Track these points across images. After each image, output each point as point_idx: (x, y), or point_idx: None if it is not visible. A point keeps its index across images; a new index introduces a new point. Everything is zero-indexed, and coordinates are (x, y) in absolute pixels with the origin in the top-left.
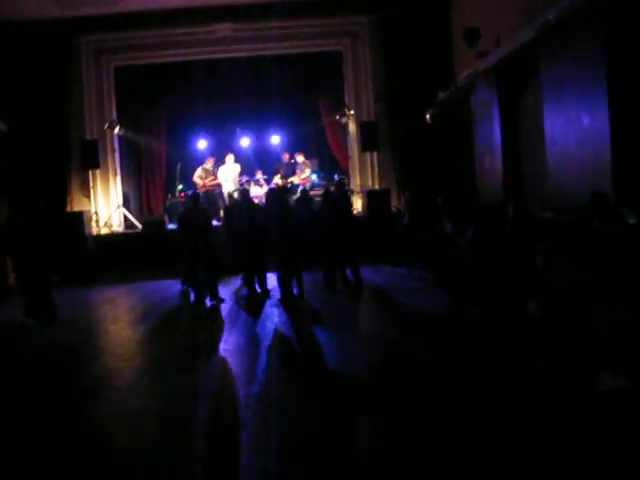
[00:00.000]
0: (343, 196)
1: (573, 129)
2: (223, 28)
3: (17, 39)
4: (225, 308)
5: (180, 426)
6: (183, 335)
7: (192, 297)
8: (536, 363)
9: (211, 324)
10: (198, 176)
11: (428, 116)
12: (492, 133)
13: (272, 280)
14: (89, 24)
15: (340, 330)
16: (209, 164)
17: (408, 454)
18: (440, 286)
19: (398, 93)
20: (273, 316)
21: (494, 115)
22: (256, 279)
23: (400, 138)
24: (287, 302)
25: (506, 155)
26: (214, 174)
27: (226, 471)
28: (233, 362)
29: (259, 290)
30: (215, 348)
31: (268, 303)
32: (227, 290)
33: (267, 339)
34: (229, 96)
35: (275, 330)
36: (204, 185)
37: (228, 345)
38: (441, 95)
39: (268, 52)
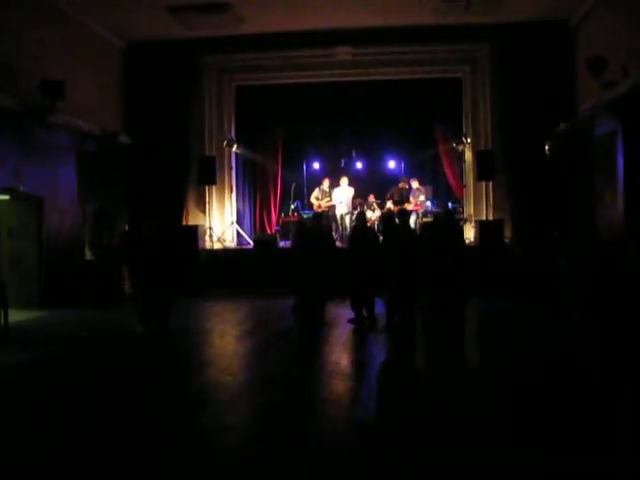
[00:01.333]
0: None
1: None
2: (343, 52)
3: (145, 58)
4: (331, 331)
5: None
6: (288, 354)
7: (299, 317)
8: None
9: (316, 346)
10: (314, 197)
11: (547, 147)
12: (615, 167)
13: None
14: (213, 45)
15: (441, 357)
16: (326, 185)
17: None
18: (551, 320)
19: (517, 122)
20: (377, 342)
21: (618, 148)
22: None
23: (517, 168)
24: (391, 329)
25: (629, 191)
26: (330, 195)
27: None
28: (336, 384)
29: (365, 315)
30: (318, 370)
31: (373, 328)
32: (334, 312)
33: (370, 363)
34: (345, 119)
35: (377, 355)
36: (319, 206)
37: (332, 367)
38: (561, 126)
39: (387, 77)
